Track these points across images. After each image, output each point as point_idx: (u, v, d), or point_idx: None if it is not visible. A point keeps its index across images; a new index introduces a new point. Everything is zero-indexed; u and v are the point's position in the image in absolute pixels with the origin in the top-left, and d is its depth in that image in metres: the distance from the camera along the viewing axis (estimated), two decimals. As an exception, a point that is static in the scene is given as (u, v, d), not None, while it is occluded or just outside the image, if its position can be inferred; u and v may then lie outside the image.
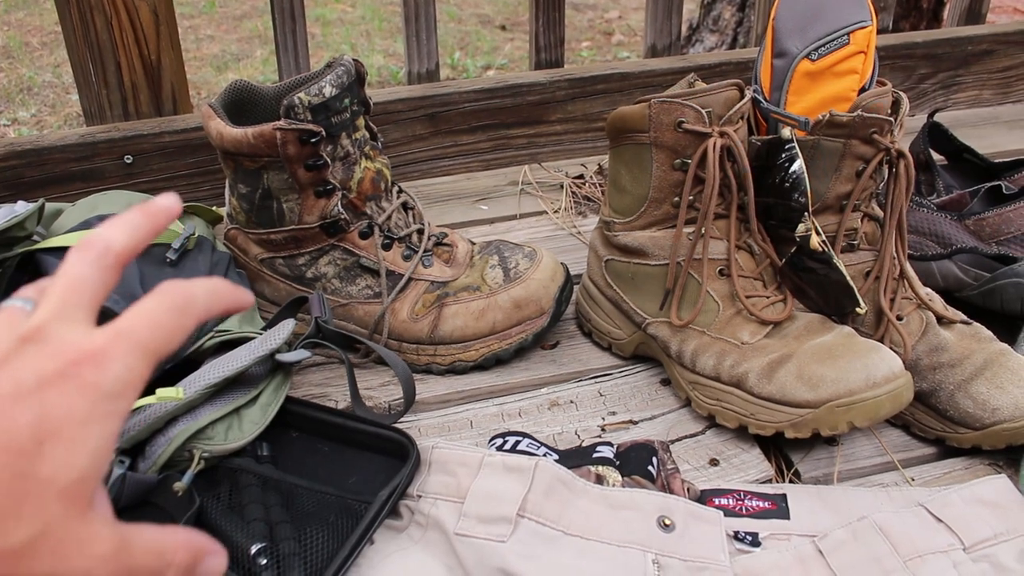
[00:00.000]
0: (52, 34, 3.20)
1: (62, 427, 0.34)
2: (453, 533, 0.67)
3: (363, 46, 3.17)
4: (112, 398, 0.35)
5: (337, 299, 0.92)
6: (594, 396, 0.87)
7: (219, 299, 0.40)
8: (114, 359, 0.35)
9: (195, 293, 0.38)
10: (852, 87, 0.85)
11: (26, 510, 0.33)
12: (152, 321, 0.37)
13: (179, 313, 0.37)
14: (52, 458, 0.33)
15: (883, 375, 0.75)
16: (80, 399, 0.34)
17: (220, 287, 0.40)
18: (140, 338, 0.36)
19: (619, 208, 0.89)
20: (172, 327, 0.37)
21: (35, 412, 0.33)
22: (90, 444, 0.34)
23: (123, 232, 0.39)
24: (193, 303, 0.38)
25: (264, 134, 0.84)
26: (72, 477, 0.34)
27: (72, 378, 0.34)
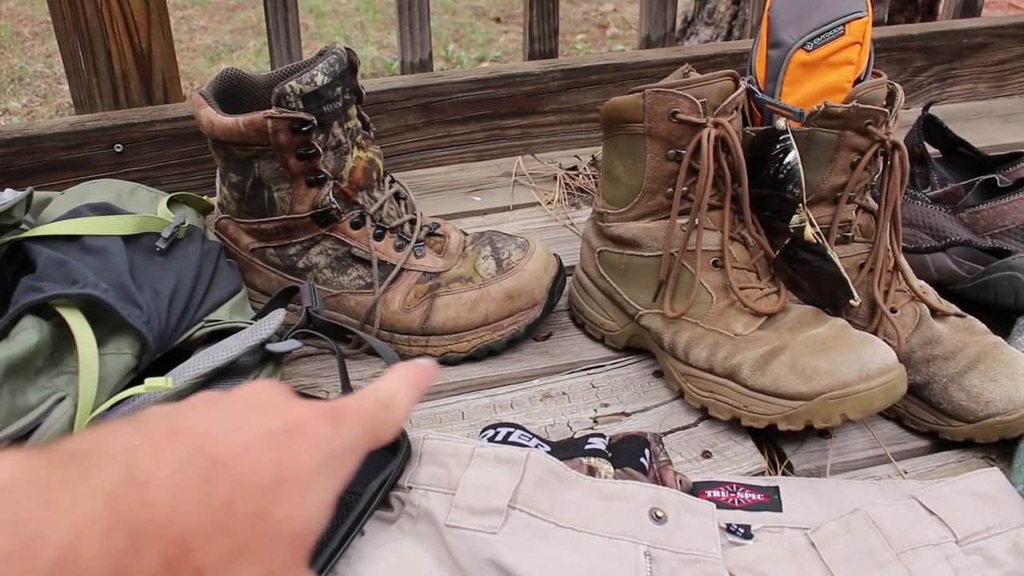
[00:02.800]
0: (44, 24, 3.18)
1: (300, 474, 0.35)
2: (444, 524, 0.66)
3: (357, 37, 3.16)
4: (341, 456, 0.38)
5: (328, 289, 0.91)
6: (586, 388, 0.87)
7: (417, 389, 0.45)
8: (348, 423, 0.39)
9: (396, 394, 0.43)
10: (847, 78, 0.85)
11: (261, 549, 0.34)
12: (374, 411, 0.41)
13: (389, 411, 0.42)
14: (287, 502, 0.35)
15: (876, 367, 0.74)
16: (316, 450, 0.37)
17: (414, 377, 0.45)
18: (367, 418, 0.40)
19: (613, 199, 0.88)
20: (386, 421, 0.42)
21: (278, 455, 0.35)
22: (319, 496, 0.36)
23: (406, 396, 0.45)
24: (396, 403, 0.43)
25: (255, 122, 0.84)
26: (301, 525, 0.35)
27: (312, 430, 0.37)
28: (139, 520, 0.31)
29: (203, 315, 0.84)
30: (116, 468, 0.32)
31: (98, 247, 0.80)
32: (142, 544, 0.31)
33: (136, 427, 0.34)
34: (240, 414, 0.37)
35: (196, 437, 0.34)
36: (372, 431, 0.40)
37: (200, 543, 0.32)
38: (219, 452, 0.34)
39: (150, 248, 0.84)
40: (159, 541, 0.32)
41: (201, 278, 0.85)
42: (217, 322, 0.83)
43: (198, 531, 0.32)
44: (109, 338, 0.76)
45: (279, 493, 0.35)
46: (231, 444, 0.35)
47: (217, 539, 0.33)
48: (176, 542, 0.32)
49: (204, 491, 0.33)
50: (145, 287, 0.80)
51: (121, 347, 0.76)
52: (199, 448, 0.34)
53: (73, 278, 0.76)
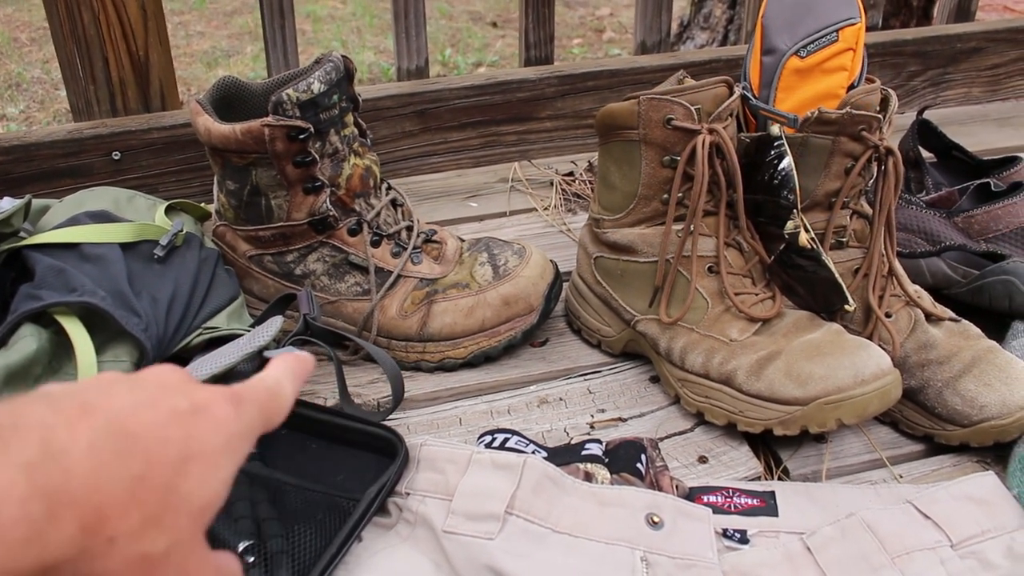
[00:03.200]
0: (41, 30, 3.18)
1: (204, 451, 0.37)
2: (441, 530, 0.67)
3: (354, 43, 3.17)
4: (240, 438, 0.39)
5: (326, 296, 0.91)
6: (583, 393, 0.87)
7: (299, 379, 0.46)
8: (247, 406, 0.40)
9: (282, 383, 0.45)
10: (841, 84, 0.85)
11: (168, 520, 0.36)
12: (265, 397, 0.43)
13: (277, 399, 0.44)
14: (192, 477, 0.36)
15: (871, 372, 0.75)
16: (220, 430, 0.38)
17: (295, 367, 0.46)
18: (261, 402, 0.42)
19: (608, 205, 0.89)
20: (277, 408, 0.43)
21: (185, 432, 0.37)
22: (221, 473, 0.38)
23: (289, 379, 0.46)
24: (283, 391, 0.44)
25: (252, 130, 0.84)
26: (204, 499, 0.37)
27: (216, 411, 0.39)
28: (57, 489, 0.33)
29: (201, 322, 0.84)
30: (33, 440, 0.33)
31: (96, 255, 0.81)
32: (59, 512, 0.33)
33: (47, 403, 0.35)
34: (148, 393, 0.38)
35: (109, 413, 0.36)
36: (265, 416, 0.42)
37: (114, 513, 0.34)
38: (131, 427, 0.36)
39: (148, 255, 0.84)
40: (76, 509, 0.33)
41: (199, 285, 0.85)
42: (215, 329, 0.83)
43: (113, 501, 0.34)
44: (107, 345, 0.76)
45: (186, 469, 0.36)
46: (142, 420, 0.36)
47: (130, 510, 0.34)
48: (92, 511, 0.33)
49: (118, 464, 0.34)
50: (143, 294, 0.80)
51: (119, 354, 0.76)
52: (112, 423, 0.35)
53: (71, 286, 0.76)
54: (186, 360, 0.81)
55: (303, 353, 0.48)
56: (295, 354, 0.47)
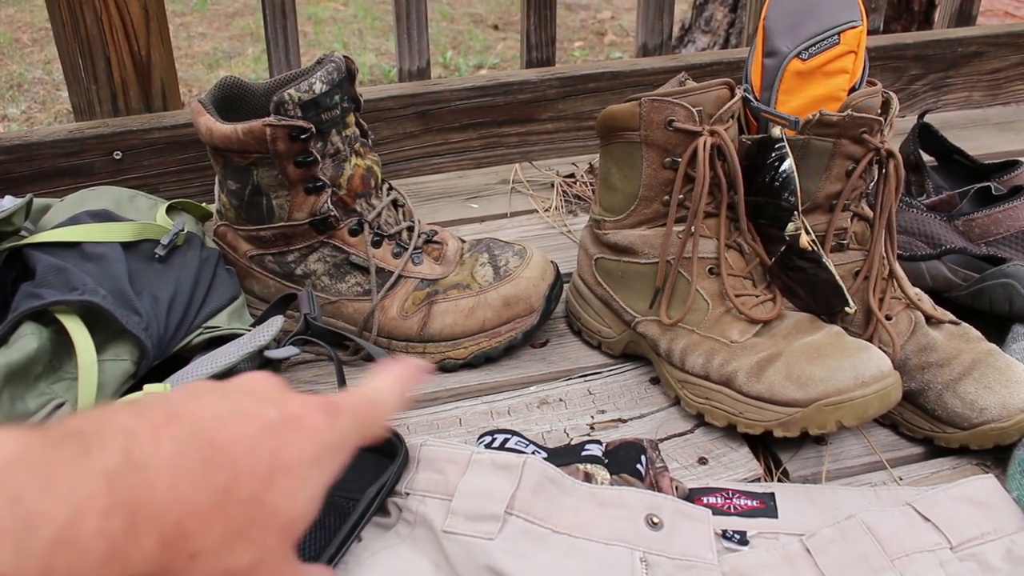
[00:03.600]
0: (43, 30, 3.18)
1: (293, 463, 0.36)
2: (441, 530, 0.67)
3: (355, 44, 3.17)
4: (333, 449, 0.39)
5: (326, 296, 0.91)
6: (583, 394, 0.87)
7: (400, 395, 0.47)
8: (342, 417, 0.40)
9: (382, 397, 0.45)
10: (842, 87, 0.86)
11: (254, 535, 0.35)
12: (366, 410, 0.42)
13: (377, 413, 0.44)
14: (282, 490, 0.36)
15: (871, 374, 0.75)
16: (310, 442, 0.38)
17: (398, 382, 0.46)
18: (359, 414, 0.41)
19: (609, 206, 0.89)
20: (376, 421, 0.43)
21: (274, 443, 0.36)
22: (311, 486, 0.37)
23: None
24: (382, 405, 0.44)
25: (254, 130, 0.84)
26: (293, 513, 0.36)
27: (308, 422, 0.38)
28: (138, 502, 0.31)
29: (201, 321, 0.84)
30: (116, 449, 0.32)
31: (97, 254, 0.81)
32: (140, 526, 0.31)
33: (134, 410, 0.34)
34: (238, 402, 0.37)
35: (195, 422, 0.35)
36: (363, 427, 0.41)
37: (197, 527, 0.33)
38: (218, 437, 0.34)
39: (149, 255, 0.84)
40: (157, 524, 0.32)
41: (200, 285, 0.85)
42: (216, 328, 0.84)
43: (195, 515, 0.33)
44: (108, 344, 0.76)
45: (274, 481, 0.35)
46: (230, 430, 0.35)
47: (213, 523, 0.33)
48: (174, 525, 0.32)
49: (202, 475, 0.33)
50: (144, 294, 0.80)
51: (120, 353, 0.76)
52: (198, 433, 0.34)
53: (72, 284, 0.76)
54: (186, 359, 0.81)
55: (418, 362, 0.48)
56: (409, 363, 0.47)
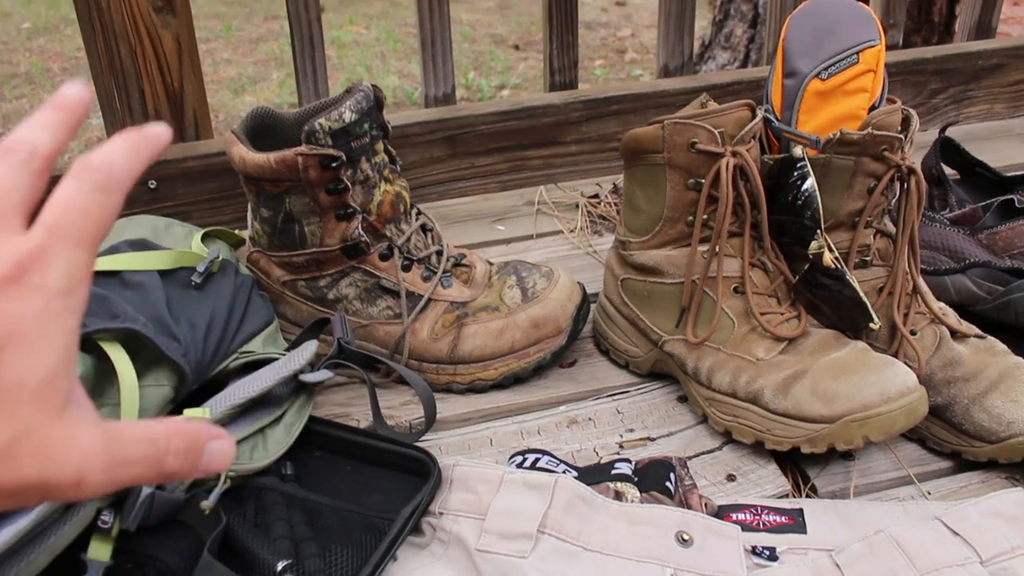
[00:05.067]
0: (73, 60, 3.25)
1: (19, 330, 0.33)
2: (475, 549, 0.68)
3: (378, 67, 3.21)
4: (63, 294, 0.34)
5: (358, 320, 0.93)
6: (612, 413, 0.88)
7: (138, 154, 0.38)
8: (56, 256, 0.34)
9: (111, 162, 0.37)
10: (862, 105, 0.87)
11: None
12: (81, 207, 0.35)
13: (104, 191, 0.36)
14: (16, 363, 0.33)
15: (897, 389, 0.75)
16: (32, 301, 0.34)
17: (130, 142, 0.38)
18: (75, 229, 0.35)
19: (634, 227, 0.90)
20: (101, 208, 0.36)
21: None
22: (52, 344, 0.34)
23: (45, 133, 0.37)
24: (114, 174, 0.36)
25: (286, 159, 0.86)
26: (40, 377, 0.33)
27: (19, 282, 0.34)
28: None
29: (237, 346, 0.86)
30: None
31: (136, 282, 0.83)
32: None
33: None
34: None
35: None
36: (88, 235, 0.35)
37: None
38: None
39: (186, 282, 0.87)
40: None
41: (235, 311, 0.87)
42: (251, 353, 0.85)
43: None
44: (148, 370, 0.78)
45: (3, 357, 0.33)
46: None
47: None
48: None
49: None
50: (182, 320, 0.82)
51: (160, 379, 0.78)
52: None
53: (114, 312, 0.78)
54: (223, 384, 0.83)
55: (152, 127, 0.39)
56: (140, 129, 0.38)
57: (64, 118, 0.38)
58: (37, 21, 3.61)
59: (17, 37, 3.47)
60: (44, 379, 0.34)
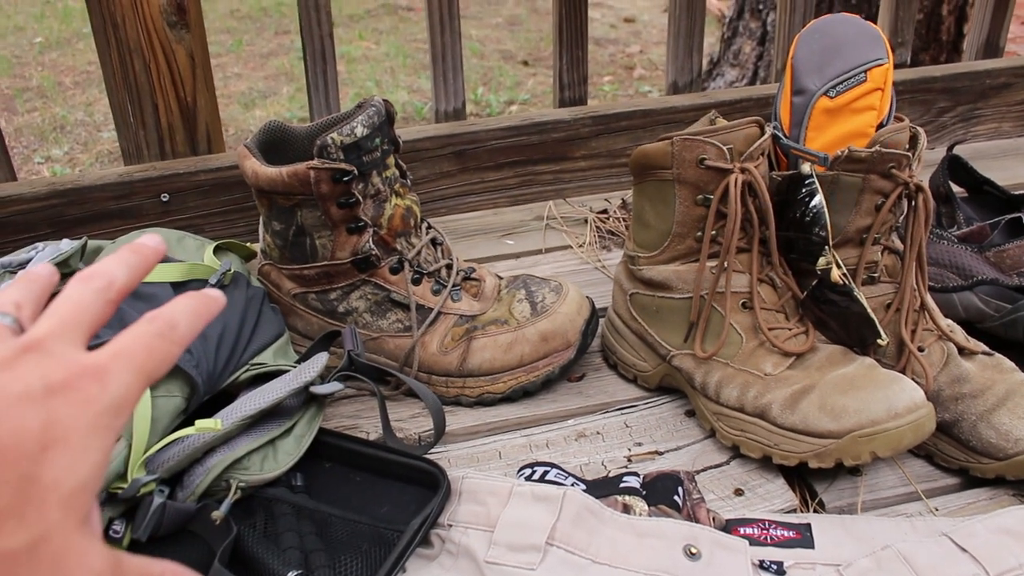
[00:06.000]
0: (84, 74, 3.27)
1: (67, 435, 0.34)
2: (483, 561, 0.68)
3: (387, 82, 3.22)
4: (112, 413, 0.36)
5: (368, 333, 0.94)
6: (620, 427, 0.89)
7: (199, 317, 0.41)
8: (115, 376, 0.36)
9: (176, 320, 0.39)
10: (870, 123, 0.87)
11: (29, 513, 0.33)
12: (146, 344, 0.38)
13: (167, 339, 0.39)
14: (56, 464, 0.34)
15: (905, 405, 0.76)
16: (84, 411, 0.35)
17: (196, 306, 0.41)
18: (137, 360, 0.37)
19: (643, 243, 0.91)
20: (163, 351, 0.38)
21: (43, 417, 0.34)
22: (91, 455, 0.35)
23: (123, 270, 0.41)
24: (176, 329, 0.39)
25: (298, 173, 0.87)
26: (74, 486, 0.34)
27: (77, 390, 0.35)
28: None
29: (248, 358, 0.87)
30: None
31: (149, 294, 0.84)
32: None
33: None
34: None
35: None
36: (146, 371, 0.38)
37: None
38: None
39: (198, 294, 0.87)
40: None
41: (246, 323, 0.88)
42: (262, 365, 0.86)
43: None
44: (160, 381, 0.79)
45: (45, 457, 0.34)
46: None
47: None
48: None
49: None
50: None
51: (171, 390, 0.79)
52: None
53: (126, 324, 0.79)
54: (234, 395, 0.84)
55: (211, 291, 0.42)
56: (203, 293, 0.42)
57: (139, 262, 0.41)
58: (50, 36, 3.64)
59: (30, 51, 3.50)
60: (77, 487, 0.34)
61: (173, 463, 0.74)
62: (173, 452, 0.74)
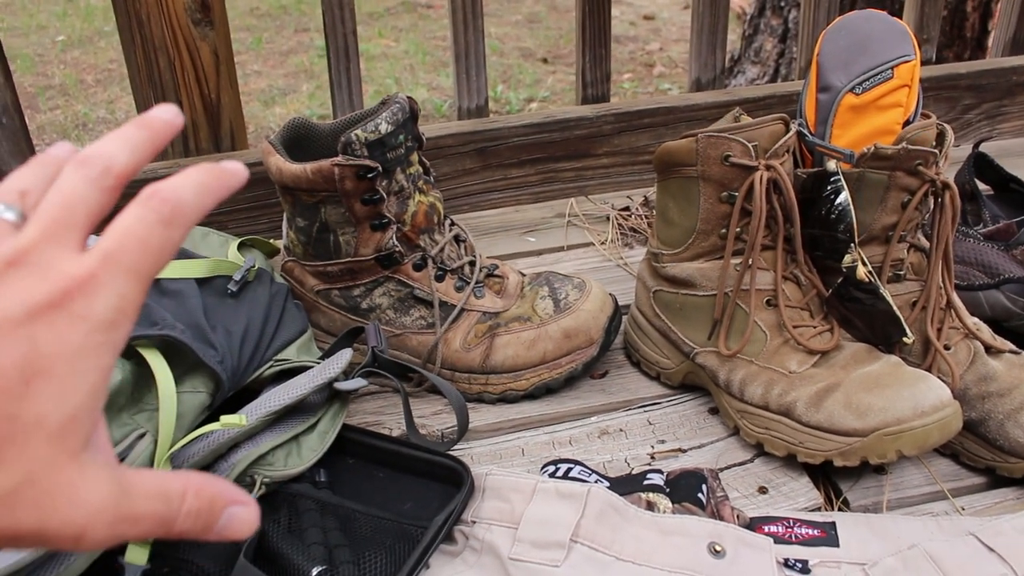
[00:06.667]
0: (106, 71, 3.29)
1: (52, 363, 0.31)
2: (507, 558, 0.68)
3: (407, 80, 3.23)
4: (105, 328, 0.32)
5: (391, 329, 0.94)
6: (643, 425, 0.89)
7: (209, 192, 0.35)
8: (106, 286, 0.32)
9: (181, 197, 0.34)
10: (896, 120, 0.87)
11: (9, 455, 0.30)
12: (141, 239, 0.33)
13: (167, 225, 0.33)
14: (40, 397, 0.30)
15: (931, 404, 0.75)
16: (72, 332, 0.31)
17: (207, 179, 0.35)
18: (131, 261, 0.32)
19: (667, 240, 0.90)
20: (162, 242, 0.33)
21: (23, 347, 0.30)
22: (83, 380, 0.31)
23: (124, 150, 0.35)
24: (181, 209, 0.34)
25: (322, 169, 0.87)
26: (63, 417, 0.31)
27: (62, 309, 0.31)
28: None
29: (272, 354, 0.87)
30: None
31: (174, 290, 0.84)
32: None
33: None
34: None
35: None
36: (144, 270, 0.33)
37: None
38: None
39: (222, 290, 0.88)
40: None
41: (270, 319, 0.88)
42: (286, 361, 0.86)
43: None
44: (185, 377, 0.79)
45: (27, 391, 0.30)
46: None
47: None
48: None
49: None
50: (218, 328, 0.83)
51: (197, 385, 0.79)
52: None
53: (153, 319, 0.79)
54: (258, 391, 0.84)
55: (228, 163, 0.36)
56: (209, 164, 0.36)
57: (148, 137, 0.36)
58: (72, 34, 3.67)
59: (52, 49, 3.53)
60: (66, 419, 0.31)
61: (198, 458, 0.74)
62: (198, 448, 0.75)
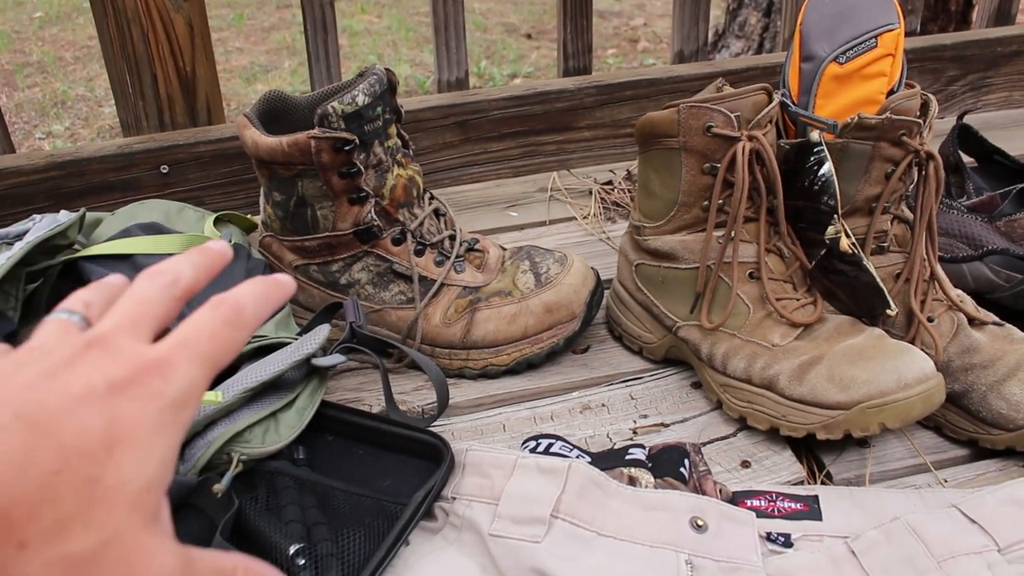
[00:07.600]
0: (84, 48, 3.25)
1: (131, 434, 0.34)
2: (488, 534, 0.68)
3: (390, 56, 3.20)
4: (177, 407, 0.35)
5: (370, 304, 0.93)
6: (625, 399, 0.88)
7: (267, 302, 0.40)
8: (178, 368, 0.36)
9: (243, 304, 0.39)
10: (880, 90, 0.86)
11: (95, 516, 0.32)
12: (211, 332, 0.37)
13: (232, 326, 0.38)
14: (122, 464, 0.33)
15: (914, 376, 0.75)
16: (148, 407, 0.34)
17: (265, 290, 0.40)
18: (201, 349, 0.37)
19: (649, 212, 0.89)
20: (228, 339, 0.38)
21: (106, 417, 0.33)
22: (157, 452, 0.34)
23: (189, 267, 0.41)
24: (244, 312, 0.39)
25: (299, 142, 0.86)
26: (140, 485, 0.33)
27: (140, 386, 0.34)
28: None
29: (249, 331, 0.86)
30: None
31: (149, 266, 0.83)
32: None
33: None
34: (54, 371, 0.34)
35: (11, 403, 0.33)
36: (211, 360, 0.37)
37: (21, 515, 0.31)
38: (40, 418, 0.32)
39: (198, 266, 0.86)
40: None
41: (247, 295, 0.87)
42: (263, 337, 0.85)
43: (19, 502, 0.31)
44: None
45: (110, 458, 0.33)
46: (51, 408, 0.33)
47: (40, 510, 0.31)
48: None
49: (25, 461, 0.32)
50: (194, 304, 0.82)
51: (172, 362, 0.78)
52: (16, 414, 0.32)
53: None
54: (235, 368, 0.83)
55: (281, 277, 0.42)
56: (272, 278, 0.41)
57: (206, 263, 0.42)
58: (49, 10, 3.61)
59: (30, 26, 3.48)
60: (144, 487, 0.34)
61: (174, 436, 0.73)
62: (174, 425, 0.73)
